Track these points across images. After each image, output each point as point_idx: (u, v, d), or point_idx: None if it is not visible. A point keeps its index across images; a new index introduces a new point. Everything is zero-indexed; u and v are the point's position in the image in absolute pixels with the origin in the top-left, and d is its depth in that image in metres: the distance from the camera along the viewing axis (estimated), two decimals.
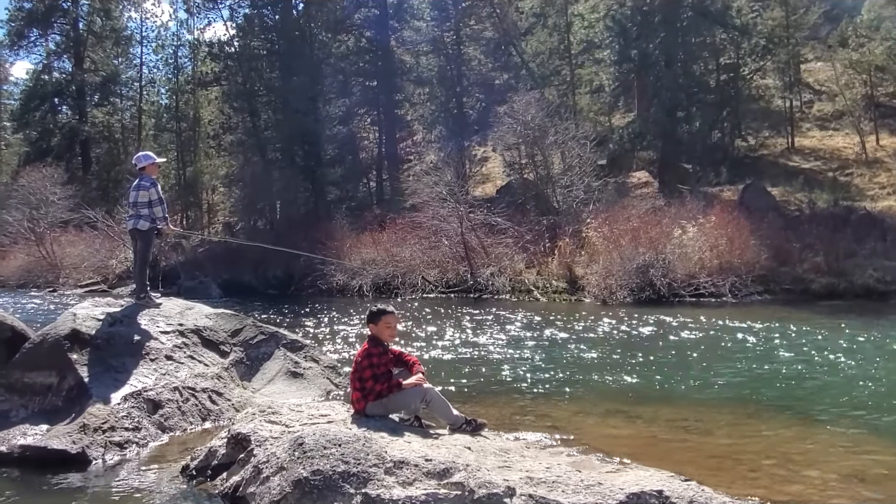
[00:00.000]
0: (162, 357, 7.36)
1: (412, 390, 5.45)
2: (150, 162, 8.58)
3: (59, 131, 45.82)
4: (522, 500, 4.19)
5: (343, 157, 37.08)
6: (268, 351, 8.54)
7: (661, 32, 29.21)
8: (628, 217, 21.25)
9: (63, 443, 5.99)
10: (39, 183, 34.38)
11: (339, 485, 4.37)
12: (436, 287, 22.85)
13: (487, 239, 23.29)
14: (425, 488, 4.32)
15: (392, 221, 26.16)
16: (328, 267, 24.75)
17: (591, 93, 36.68)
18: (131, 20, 48.32)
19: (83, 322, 7.25)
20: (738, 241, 19.37)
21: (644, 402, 7.84)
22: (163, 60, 45.82)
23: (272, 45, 36.48)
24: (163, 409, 6.76)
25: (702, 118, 30.36)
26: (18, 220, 34.22)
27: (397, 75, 37.58)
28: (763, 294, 18.49)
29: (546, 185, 25.89)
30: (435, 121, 37.93)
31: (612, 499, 4.18)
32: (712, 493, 4.37)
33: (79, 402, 6.47)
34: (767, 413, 7.31)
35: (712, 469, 5.44)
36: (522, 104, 26.58)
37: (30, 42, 47.27)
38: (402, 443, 4.84)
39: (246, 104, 36.24)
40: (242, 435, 5.35)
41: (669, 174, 28.84)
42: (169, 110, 44.99)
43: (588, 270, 20.29)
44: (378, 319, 5.62)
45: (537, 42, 36.54)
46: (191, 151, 43.14)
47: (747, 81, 31.89)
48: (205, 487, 5.30)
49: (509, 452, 5.01)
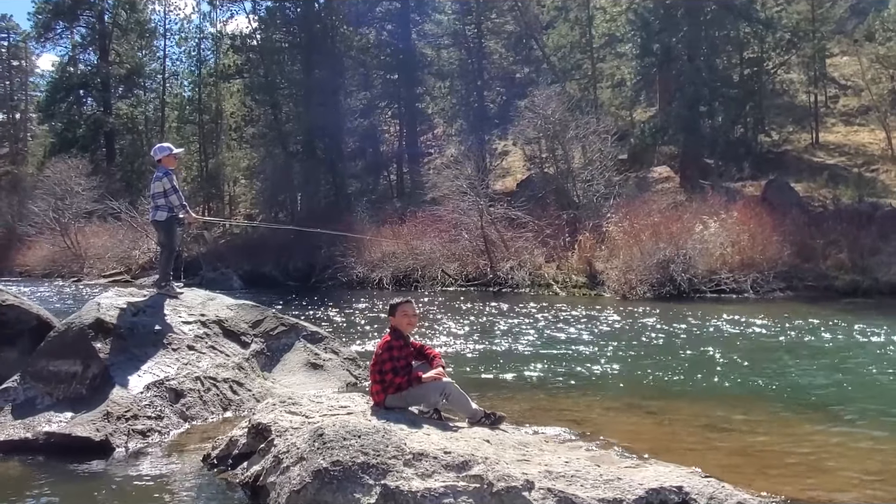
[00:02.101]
0: (184, 347, 7.43)
1: (432, 384, 5.46)
2: (166, 153, 8.61)
3: (84, 123, 46.34)
4: (541, 493, 4.20)
5: (364, 151, 37.17)
6: (288, 342, 8.60)
7: (684, 26, 28.90)
8: (649, 212, 21.12)
9: (87, 430, 6.08)
10: (64, 174, 34.84)
11: (358, 476, 4.40)
12: (455, 280, 22.86)
13: (507, 233, 23.25)
14: (444, 481, 4.33)
15: (412, 215, 26.20)
16: (348, 259, 24.86)
17: (613, 87, 36.39)
18: (155, 13, 48.86)
19: (107, 312, 7.33)
20: (761, 236, 19.18)
21: (664, 397, 7.81)
22: (186, 53, 46.16)
23: (294, 37, 36.59)
24: (185, 399, 6.83)
25: (724, 113, 30.02)
26: (44, 211, 34.72)
27: (418, 68, 37.53)
28: (785, 290, 18.30)
29: (566, 180, 25.77)
30: (455, 114, 37.85)
31: (632, 494, 4.17)
32: (732, 490, 4.35)
33: (102, 391, 6.55)
34: (789, 410, 7.25)
35: (732, 466, 5.41)
36: (543, 98, 26.47)
37: (56, 34, 47.90)
38: (421, 435, 4.86)
39: (268, 97, 36.39)
40: (263, 425, 5.40)
41: (691, 169, 28.58)
42: (192, 102, 45.31)
43: (608, 265, 20.19)
44: (396, 310, 5.64)
45: (559, 36, 36.31)
46: (213, 144, 43.44)
47: (771, 76, 31.50)
48: (226, 476, 5.35)
49: (528, 446, 5.00)
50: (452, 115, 38.15)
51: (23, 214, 38.38)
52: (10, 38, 62.64)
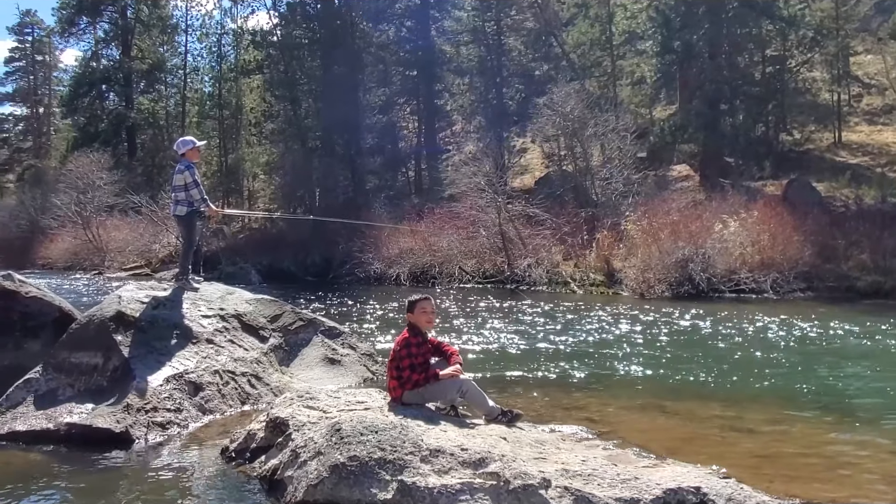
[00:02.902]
0: (203, 341, 7.49)
1: (449, 381, 5.47)
2: (189, 147, 8.64)
3: (107, 117, 46.82)
4: (558, 492, 4.19)
5: (382, 147, 37.23)
6: (306, 337, 8.65)
7: (706, 23, 28.67)
8: (668, 210, 20.98)
9: (108, 422, 6.15)
10: (87, 168, 35.21)
11: (375, 471, 4.42)
12: (473, 277, 22.87)
13: (525, 230, 23.21)
14: (461, 477, 4.34)
15: (430, 211, 26.21)
16: (366, 255, 24.93)
17: (633, 84, 36.19)
18: (177, 9, 49.26)
19: (128, 304, 7.40)
20: (781, 236, 19.00)
21: (682, 397, 7.76)
22: (207, 49, 46.48)
23: (314, 34, 36.72)
24: (203, 392, 6.89)
25: (746, 111, 29.76)
26: (66, 204, 35.13)
27: (437, 65, 37.52)
28: (806, 291, 18.11)
29: (585, 177, 25.68)
30: (474, 111, 37.82)
31: (649, 494, 4.15)
32: (751, 492, 4.32)
33: (123, 383, 6.62)
34: (809, 411, 7.18)
35: (751, 467, 5.36)
36: (562, 95, 26.37)
37: (79, 30, 48.47)
38: (438, 431, 4.87)
39: (287, 93, 36.55)
40: (281, 419, 5.43)
41: (711, 168, 28.36)
42: (212, 98, 45.60)
43: (626, 264, 20.11)
44: (414, 307, 5.65)
45: (578, 33, 36.14)
46: (233, 139, 43.72)
47: (794, 74, 31.15)
48: (243, 470, 5.39)
49: (545, 444, 5.00)
50: (471, 111, 38.12)
51: (45, 208, 38.88)
52: (34, 33, 63.47)
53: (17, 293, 7.61)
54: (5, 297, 7.55)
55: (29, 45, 64.10)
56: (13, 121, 65.83)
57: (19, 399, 6.62)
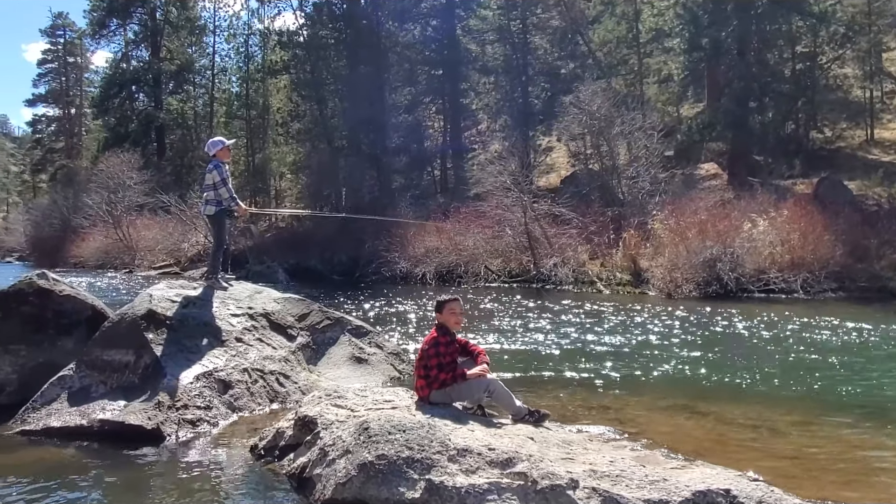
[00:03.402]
0: (232, 339, 7.57)
1: (476, 381, 5.48)
2: (219, 147, 8.76)
3: (136, 118, 47.51)
4: (585, 493, 4.18)
5: (408, 146, 37.30)
6: (333, 336, 8.70)
7: (734, 20, 28.32)
8: (696, 209, 20.77)
9: (139, 419, 6.24)
10: (117, 168, 35.79)
11: (403, 470, 4.44)
12: (498, 276, 22.84)
13: (551, 229, 23.12)
14: (488, 477, 4.34)
15: (456, 210, 26.22)
16: (392, 254, 25.01)
17: (660, 82, 35.91)
18: (205, 10, 49.72)
19: (158, 303, 7.50)
20: (812, 235, 18.72)
21: (711, 398, 7.68)
22: (234, 49, 46.95)
23: (340, 34, 36.88)
24: (233, 390, 6.96)
25: (775, 108, 29.38)
26: (97, 204, 35.72)
27: (463, 64, 37.50)
28: (837, 291, 17.85)
29: (611, 176, 25.53)
30: (500, 110, 37.76)
31: (678, 496, 4.12)
32: (782, 495, 4.26)
33: (154, 380, 6.71)
34: (841, 414, 7.06)
35: (782, 470, 5.30)
36: (588, 94, 26.25)
37: (110, 31, 49.22)
38: (465, 431, 4.87)
39: (313, 92, 36.79)
40: (309, 417, 5.48)
41: (739, 166, 28.03)
42: (239, 98, 46.06)
43: (653, 263, 19.95)
44: (443, 308, 5.66)
45: (605, 31, 35.93)
46: (260, 139, 44.11)
47: (825, 70, 30.66)
48: (272, 467, 5.45)
49: (572, 444, 4.99)
50: (497, 110, 38.07)
51: (77, 207, 39.54)
52: (66, 35, 64.58)
53: (51, 292, 7.74)
54: (40, 296, 7.68)
55: (61, 48, 65.27)
56: (46, 122, 67.10)
57: (53, 396, 6.74)
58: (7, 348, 7.46)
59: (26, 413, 6.62)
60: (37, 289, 7.70)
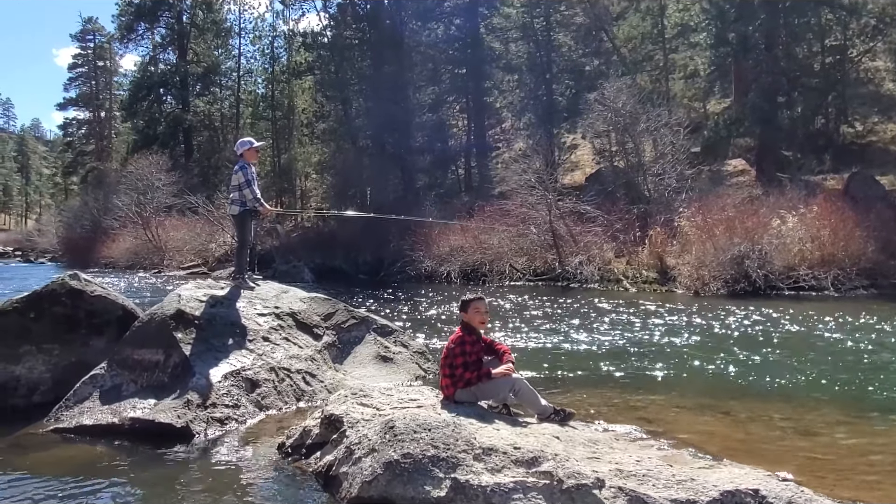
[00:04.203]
0: (259, 338, 7.64)
1: (501, 380, 5.47)
2: (247, 147, 8.85)
3: (164, 120, 48.11)
4: (612, 492, 4.16)
5: (432, 145, 37.37)
6: (359, 335, 8.74)
7: (762, 14, 27.98)
8: (723, 206, 20.56)
9: (169, 417, 6.33)
10: (146, 169, 36.27)
11: (428, 469, 4.45)
12: (523, 275, 22.80)
13: (576, 227, 23.03)
14: (514, 476, 4.34)
15: (480, 209, 26.21)
16: (416, 253, 25.07)
17: (686, 78, 35.59)
18: (230, 12, 50.25)
19: (187, 303, 7.59)
20: (843, 232, 18.43)
21: (739, 397, 7.60)
22: (259, 51, 47.39)
23: (363, 34, 37.07)
24: (260, 388, 7.02)
25: (804, 103, 28.98)
26: (127, 205, 36.23)
27: (486, 62, 37.48)
28: (869, 288, 17.56)
29: (637, 174, 25.36)
30: (524, 108, 37.67)
31: (706, 496, 4.08)
32: (812, 495, 4.20)
33: (183, 379, 6.79)
34: (872, 414, 6.94)
35: (812, 470, 5.23)
36: (613, 90, 26.10)
37: (138, 35, 49.93)
38: (490, 430, 4.87)
39: (338, 93, 37.02)
40: (335, 416, 5.51)
41: (768, 162, 27.69)
42: (265, 99, 46.46)
43: (680, 261, 19.78)
44: (468, 307, 5.67)
45: (629, 27, 35.71)
46: (285, 139, 44.44)
47: (855, 64, 30.18)
48: (299, 465, 5.49)
49: (598, 443, 4.96)
50: (521, 108, 38.00)
51: (107, 208, 40.14)
52: (96, 39, 65.65)
53: (83, 292, 7.86)
54: (72, 296, 7.81)
55: (91, 52, 66.37)
56: (77, 125, 68.21)
57: (86, 394, 6.86)
58: (41, 347, 7.58)
59: (59, 411, 6.74)
60: (69, 289, 7.83)
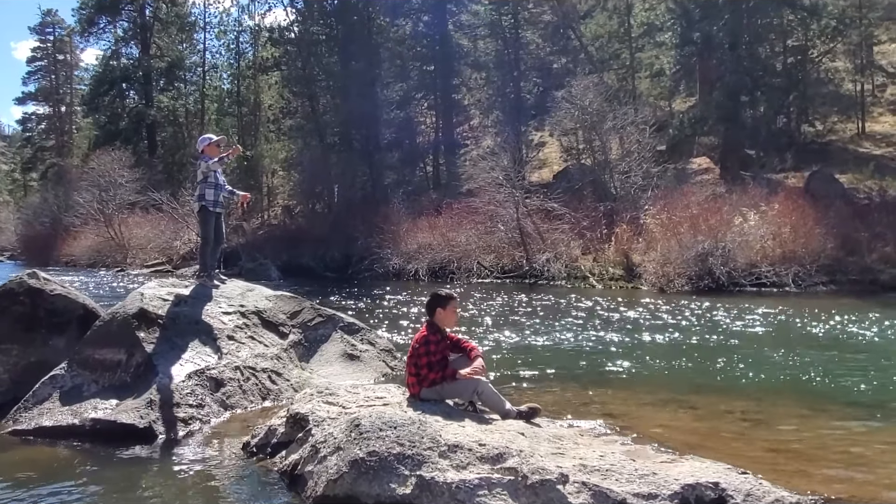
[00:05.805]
0: (224, 337, 7.55)
1: (465, 382, 5.46)
2: (206, 143, 8.79)
3: (127, 115, 47.33)
4: (575, 487, 4.20)
5: (400, 142, 37.32)
6: (325, 333, 8.69)
7: (726, 14, 28.41)
8: (688, 204, 20.85)
9: (131, 417, 6.23)
10: (108, 166, 35.65)
11: (394, 466, 4.46)
12: (491, 272, 22.88)
13: (543, 225, 23.17)
14: (479, 472, 4.36)
15: (448, 206, 26.24)
16: (384, 250, 25.02)
17: (651, 77, 35.99)
18: (195, 6, 49.48)
19: (150, 302, 7.48)
20: (803, 229, 18.83)
21: (701, 392, 7.72)
22: (225, 46, 46.62)
23: (331, 30, 36.84)
24: (225, 388, 6.95)
25: (767, 102, 29.49)
26: (89, 202, 35.59)
27: (454, 60, 37.50)
28: (828, 284, 17.95)
29: (604, 171, 25.58)
30: (492, 105, 37.79)
31: (667, 489, 4.15)
32: (770, 487, 4.30)
33: (146, 379, 6.70)
34: (831, 407, 7.10)
35: (771, 463, 5.33)
36: (580, 88, 26.30)
37: (99, 29, 48.97)
38: (456, 427, 4.89)
39: (305, 89, 36.74)
40: (301, 415, 5.49)
41: (731, 160, 28.13)
42: (231, 95, 45.85)
43: (645, 258, 20.02)
44: (446, 305, 5.64)
45: (596, 25, 36.01)
46: (251, 136, 43.90)
47: (816, 64, 30.79)
48: (265, 464, 5.46)
49: (563, 439, 5.01)
50: (489, 106, 38.11)
51: (68, 205, 39.42)
52: (55, 32, 64.24)
53: (42, 291, 7.71)
54: (31, 295, 7.65)
55: (50, 45, 64.92)
56: (36, 120, 66.77)
57: (45, 395, 6.72)
58: None
59: (18, 412, 6.60)
60: (28, 288, 7.67)
